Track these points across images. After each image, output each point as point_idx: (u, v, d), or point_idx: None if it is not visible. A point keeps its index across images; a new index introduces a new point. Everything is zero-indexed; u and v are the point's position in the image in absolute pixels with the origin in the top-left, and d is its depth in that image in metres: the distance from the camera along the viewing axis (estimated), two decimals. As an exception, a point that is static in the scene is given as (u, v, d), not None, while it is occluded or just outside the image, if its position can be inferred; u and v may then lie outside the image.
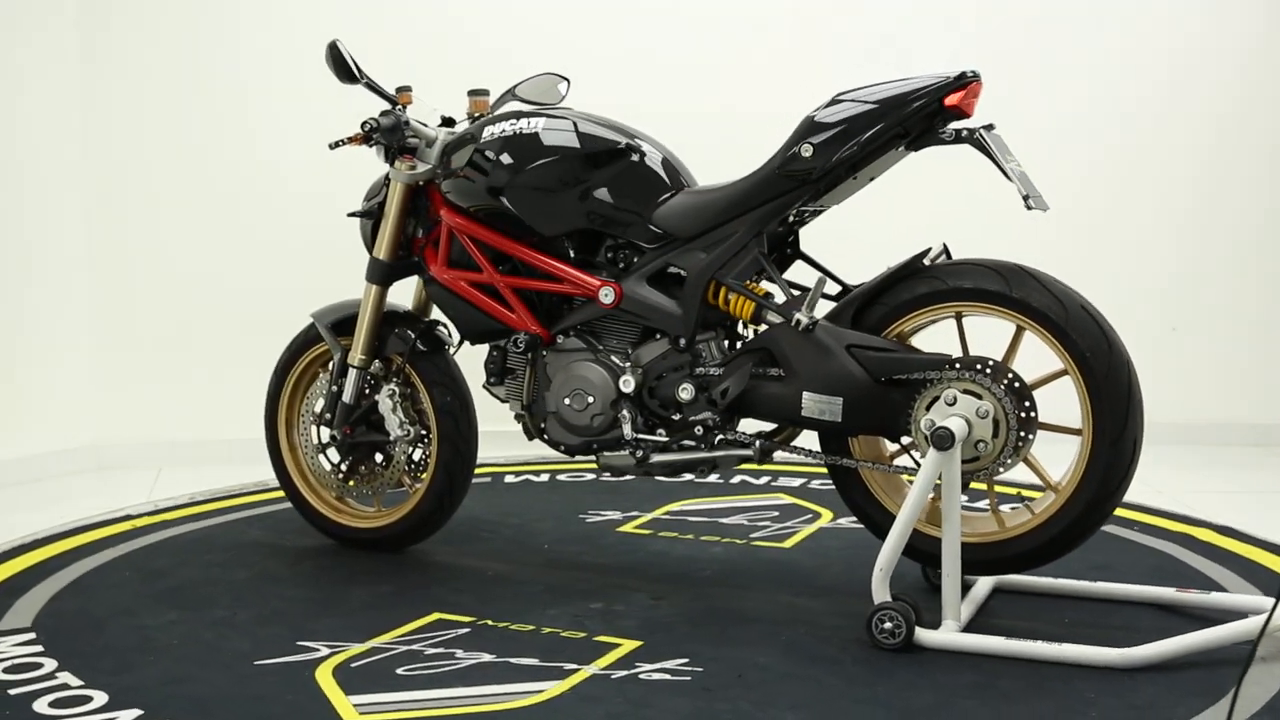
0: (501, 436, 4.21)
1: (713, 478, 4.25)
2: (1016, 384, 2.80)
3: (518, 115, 3.23)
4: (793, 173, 2.93)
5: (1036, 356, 2.93)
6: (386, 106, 3.33)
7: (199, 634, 2.88)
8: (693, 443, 3.09)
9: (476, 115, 3.40)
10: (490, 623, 2.92)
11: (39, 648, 2.80)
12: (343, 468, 3.51)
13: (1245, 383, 4.98)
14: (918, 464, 2.90)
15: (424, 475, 3.44)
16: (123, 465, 4.77)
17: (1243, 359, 4.98)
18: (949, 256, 2.98)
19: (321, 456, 3.54)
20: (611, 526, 3.77)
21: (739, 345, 3.16)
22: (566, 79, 3.37)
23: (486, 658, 2.72)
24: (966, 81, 2.80)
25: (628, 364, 3.13)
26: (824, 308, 3.01)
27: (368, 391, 3.44)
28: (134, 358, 4.80)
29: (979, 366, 2.80)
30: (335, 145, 3.35)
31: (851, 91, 2.92)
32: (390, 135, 3.28)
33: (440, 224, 3.35)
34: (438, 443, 3.38)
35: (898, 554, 2.78)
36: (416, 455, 3.44)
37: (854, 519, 3.46)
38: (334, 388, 3.43)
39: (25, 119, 4.56)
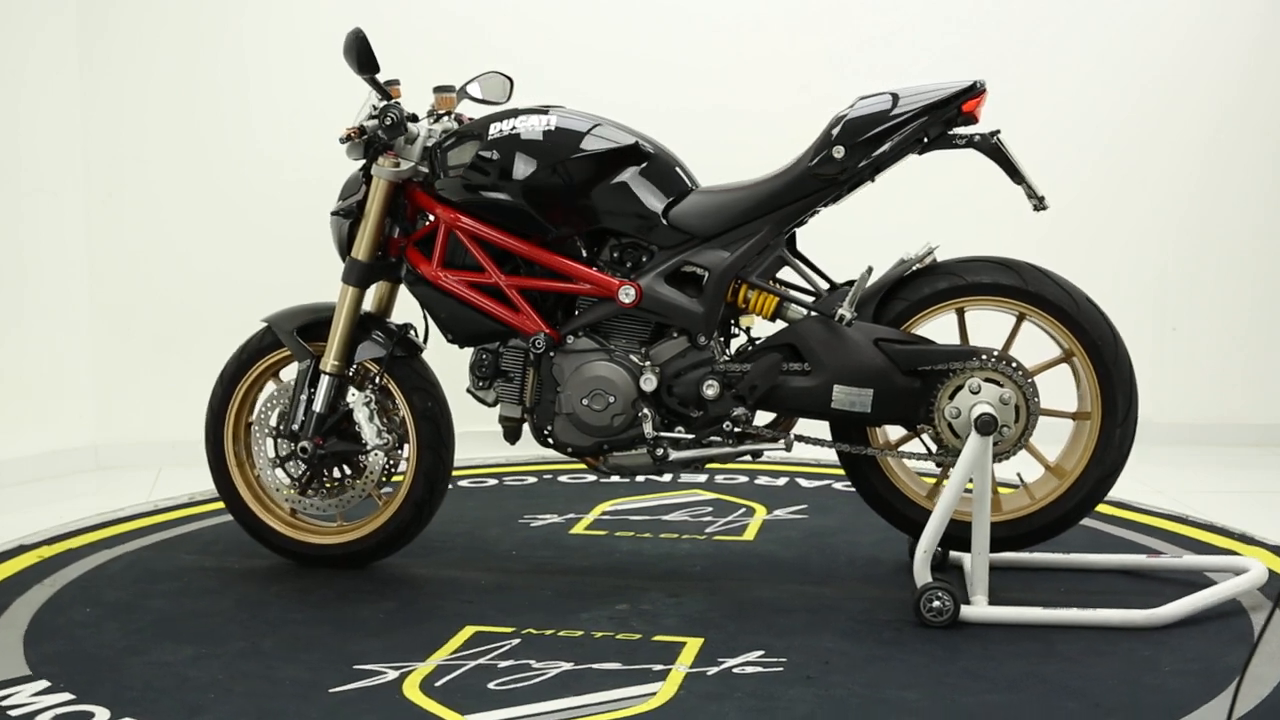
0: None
1: (614, 478, 4.27)
2: (1020, 371, 3.02)
3: (517, 113, 3.20)
4: (823, 174, 3.05)
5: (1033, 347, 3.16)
6: (378, 100, 3.23)
7: (240, 667, 2.72)
8: (719, 438, 3.14)
9: (443, 112, 3.34)
10: (534, 631, 2.89)
11: (68, 695, 2.58)
12: (301, 481, 3.32)
13: (1245, 383, 5.08)
14: (928, 449, 3.12)
15: (397, 481, 3.35)
16: (123, 465, 4.73)
17: (1243, 359, 5.07)
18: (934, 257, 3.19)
19: (279, 470, 3.34)
20: (562, 529, 3.76)
21: (739, 342, 3.25)
22: (510, 78, 3.31)
23: (567, 666, 2.69)
24: (979, 90, 3.02)
25: (646, 363, 3.14)
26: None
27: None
28: (134, 358, 4.77)
29: (1001, 357, 3.03)
30: (345, 140, 3.25)
31: (874, 96, 3.07)
32: (393, 131, 3.18)
33: (430, 223, 3.29)
34: (417, 450, 3.28)
35: (939, 536, 2.95)
36: (381, 464, 3.31)
37: (791, 510, 3.87)
38: (303, 396, 3.28)
39: (25, 118, 4.56)
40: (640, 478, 4.21)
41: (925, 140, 3.05)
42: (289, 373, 3.39)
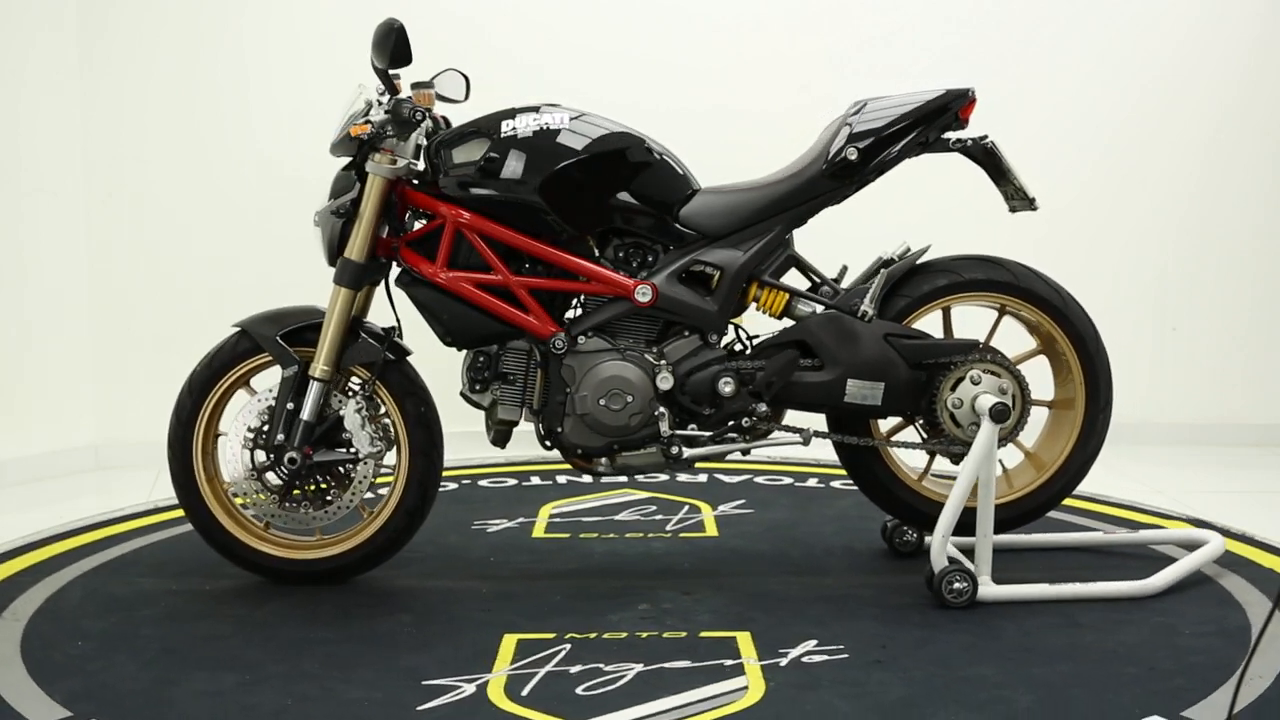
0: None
1: (535, 480, 4.37)
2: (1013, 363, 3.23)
3: (526, 110, 3.15)
4: (837, 175, 3.15)
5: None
6: (380, 94, 3.14)
7: (298, 691, 2.59)
8: (736, 435, 3.19)
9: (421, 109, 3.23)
10: (576, 635, 2.87)
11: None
12: (281, 494, 3.16)
13: (1245, 383, 5.09)
14: (923, 438, 3.29)
15: (381, 485, 3.25)
16: (123, 465, 4.73)
17: (1243, 359, 5.09)
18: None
19: (257, 483, 3.17)
20: (523, 534, 3.71)
21: (746, 338, 3.29)
22: (466, 76, 3.20)
23: (638, 667, 2.68)
24: (972, 97, 3.18)
25: (662, 361, 3.15)
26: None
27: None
28: (134, 358, 4.77)
29: (991, 350, 3.19)
30: (375, 137, 3.11)
31: (878, 100, 3.21)
32: (409, 126, 3.09)
33: (429, 223, 3.18)
34: (409, 457, 3.18)
35: (955, 520, 3.05)
36: (371, 473, 3.19)
37: (734, 505, 3.98)
38: (289, 404, 3.13)
39: (25, 118, 4.56)
40: (563, 479, 4.32)
41: (925, 143, 3.18)
42: (259, 381, 3.26)
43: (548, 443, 3.23)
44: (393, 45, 3.01)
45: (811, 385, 3.15)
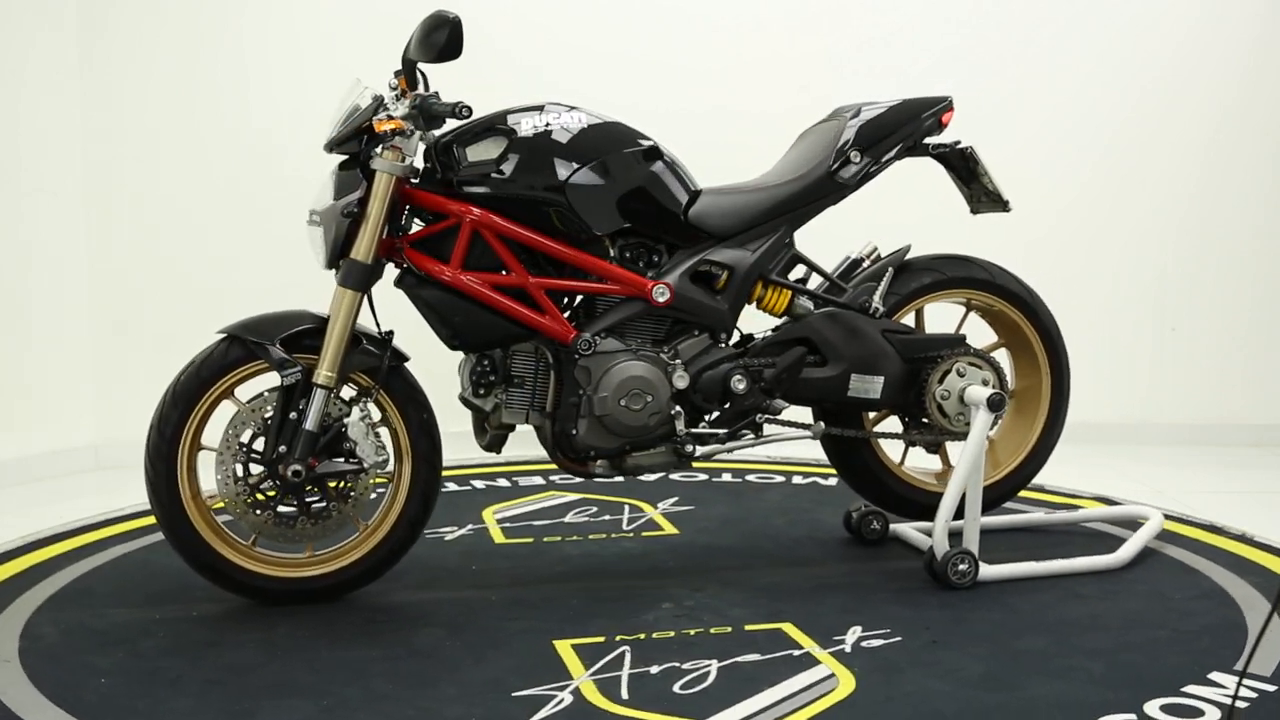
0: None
1: (452, 485, 4.28)
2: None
3: (526, 110, 3.10)
4: (843, 177, 3.27)
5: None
6: (394, 90, 3.06)
7: (396, 712, 2.45)
8: (748, 431, 3.24)
9: None
10: (626, 637, 2.83)
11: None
12: (275, 509, 3.01)
13: (1245, 383, 5.10)
14: (911, 430, 3.42)
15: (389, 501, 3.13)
16: (123, 465, 4.71)
17: (1242, 359, 5.09)
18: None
19: (251, 500, 3.01)
20: (481, 540, 3.63)
21: (748, 335, 3.34)
22: (424, 74, 3.11)
23: (714, 663, 2.67)
24: (950, 104, 3.36)
25: (676, 360, 3.16)
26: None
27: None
28: (134, 358, 4.76)
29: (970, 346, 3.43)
30: (408, 134, 3.03)
31: (870, 106, 3.33)
32: (437, 122, 3.00)
33: (439, 223, 3.07)
34: (413, 464, 3.08)
35: (955, 507, 3.18)
36: (370, 484, 3.06)
37: (671, 503, 4.02)
38: (291, 414, 2.98)
39: (25, 118, 4.56)
40: (480, 483, 4.32)
41: (910, 148, 3.34)
42: (243, 391, 3.09)
43: (563, 447, 3.16)
44: (445, 39, 2.90)
45: (815, 381, 3.25)
